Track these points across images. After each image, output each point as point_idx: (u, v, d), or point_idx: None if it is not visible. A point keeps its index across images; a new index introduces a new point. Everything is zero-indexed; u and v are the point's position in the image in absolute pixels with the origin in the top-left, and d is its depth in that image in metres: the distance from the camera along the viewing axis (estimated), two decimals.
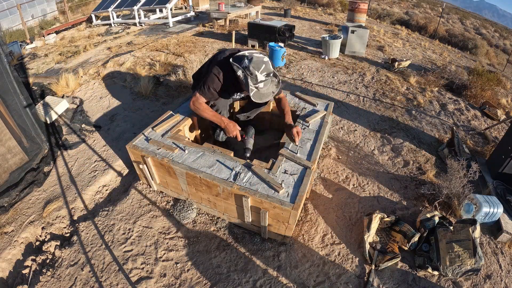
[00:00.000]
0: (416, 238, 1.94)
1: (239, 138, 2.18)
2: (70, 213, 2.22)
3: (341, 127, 3.33)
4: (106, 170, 2.55)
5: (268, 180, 1.83)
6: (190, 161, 2.01)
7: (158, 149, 2.11)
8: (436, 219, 2.02)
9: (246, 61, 1.90)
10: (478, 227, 1.88)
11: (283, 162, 2.02)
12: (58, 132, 3.05)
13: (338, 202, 2.34)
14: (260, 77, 1.88)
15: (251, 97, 1.94)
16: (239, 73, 1.93)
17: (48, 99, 3.32)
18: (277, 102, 2.38)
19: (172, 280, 1.77)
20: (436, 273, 1.84)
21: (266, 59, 1.92)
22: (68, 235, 2.09)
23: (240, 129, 2.18)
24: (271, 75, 1.96)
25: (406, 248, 1.95)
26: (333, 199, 2.37)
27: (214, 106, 2.27)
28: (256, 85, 1.91)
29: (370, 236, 1.94)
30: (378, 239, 2.01)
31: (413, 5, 22.47)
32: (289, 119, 2.25)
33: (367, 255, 1.88)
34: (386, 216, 2.05)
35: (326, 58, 5.51)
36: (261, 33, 5.74)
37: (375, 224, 1.97)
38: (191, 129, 2.55)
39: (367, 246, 1.89)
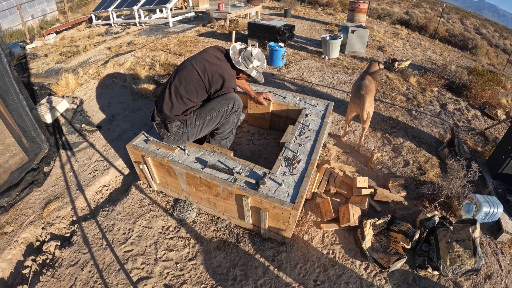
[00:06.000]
0: (417, 236, 1.94)
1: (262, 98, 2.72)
2: (70, 213, 2.22)
3: (341, 127, 3.33)
4: (106, 170, 2.55)
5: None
6: (190, 161, 2.01)
7: (158, 149, 2.12)
8: (436, 219, 2.02)
9: (256, 61, 2.17)
10: (478, 227, 1.88)
11: (283, 161, 2.02)
12: (58, 132, 3.05)
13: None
14: (265, 65, 2.28)
15: (260, 80, 2.30)
16: (253, 73, 2.20)
17: (48, 99, 3.33)
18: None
19: (172, 280, 1.77)
20: (436, 273, 1.84)
21: (260, 50, 2.23)
22: (68, 235, 2.09)
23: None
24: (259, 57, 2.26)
25: (408, 247, 1.95)
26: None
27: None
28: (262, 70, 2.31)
29: (368, 242, 1.94)
30: (377, 243, 2.00)
31: (413, 5, 22.47)
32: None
33: (373, 261, 1.87)
34: (377, 219, 2.05)
35: (326, 58, 5.51)
36: (261, 33, 5.73)
37: (368, 231, 1.97)
38: None
39: (368, 254, 1.88)
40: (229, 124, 2.23)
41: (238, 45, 2.18)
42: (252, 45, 5.90)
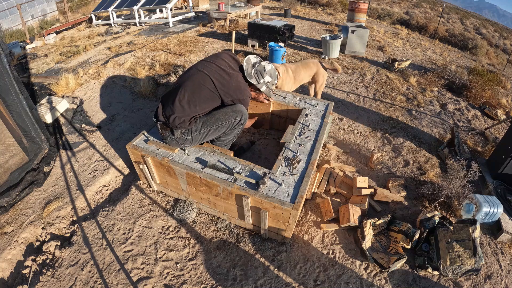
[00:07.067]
0: (417, 236, 1.94)
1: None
2: (70, 213, 2.22)
3: (341, 127, 3.33)
4: (106, 170, 2.55)
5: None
6: (190, 161, 2.01)
7: (158, 149, 2.12)
8: (436, 219, 2.02)
9: (268, 77, 2.18)
10: (478, 227, 1.88)
11: (283, 161, 2.02)
12: (58, 132, 3.05)
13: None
14: (275, 82, 2.29)
15: (269, 95, 2.33)
16: (263, 88, 2.21)
17: (48, 99, 3.33)
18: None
19: (172, 280, 1.77)
20: (436, 273, 1.84)
21: (273, 66, 2.23)
22: (68, 235, 2.09)
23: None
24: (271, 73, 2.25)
25: (408, 247, 1.95)
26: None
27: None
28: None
29: (368, 242, 1.94)
30: (377, 243, 1.99)
31: (413, 5, 22.48)
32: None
33: (373, 261, 1.87)
34: (377, 219, 2.05)
35: (326, 58, 5.51)
36: (261, 33, 5.74)
37: (368, 231, 1.97)
38: None
39: (368, 254, 1.88)
40: (232, 135, 2.23)
41: (253, 58, 2.17)
42: (251, 46, 5.91)
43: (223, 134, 2.18)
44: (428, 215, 2.06)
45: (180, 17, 8.43)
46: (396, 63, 5.19)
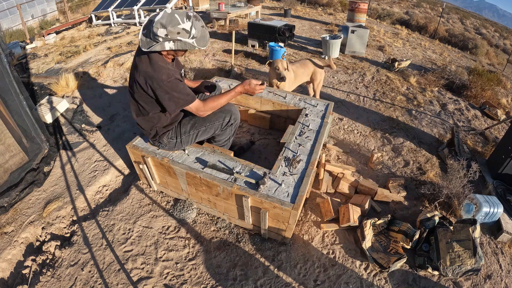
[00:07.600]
0: (417, 236, 1.94)
1: (263, 87, 1.97)
2: (70, 213, 2.22)
3: (341, 127, 3.33)
4: (106, 170, 2.55)
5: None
6: (190, 161, 2.01)
7: (158, 149, 2.12)
8: (436, 219, 2.02)
9: (161, 30, 1.58)
10: (478, 227, 1.88)
11: (283, 161, 2.02)
12: (59, 132, 3.05)
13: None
14: (187, 25, 1.60)
15: (198, 47, 1.69)
16: (169, 45, 1.62)
17: (48, 99, 3.33)
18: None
19: (172, 280, 1.77)
20: (436, 273, 1.84)
21: (168, 10, 1.62)
22: (68, 235, 2.09)
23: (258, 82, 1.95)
24: (188, 15, 1.64)
25: (408, 247, 1.95)
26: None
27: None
28: (191, 35, 1.63)
29: (368, 241, 1.94)
30: (377, 243, 1.99)
31: (413, 5, 22.48)
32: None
33: (373, 261, 1.87)
34: (377, 219, 2.05)
35: (326, 58, 5.51)
36: (261, 33, 5.74)
37: (368, 231, 1.97)
38: None
39: (368, 254, 1.88)
40: (225, 135, 2.22)
41: (147, 23, 1.68)
42: (251, 46, 5.91)
43: (216, 135, 2.17)
44: (428, 215, 2.06)
45: None
46: (396, 63, 5.20)
